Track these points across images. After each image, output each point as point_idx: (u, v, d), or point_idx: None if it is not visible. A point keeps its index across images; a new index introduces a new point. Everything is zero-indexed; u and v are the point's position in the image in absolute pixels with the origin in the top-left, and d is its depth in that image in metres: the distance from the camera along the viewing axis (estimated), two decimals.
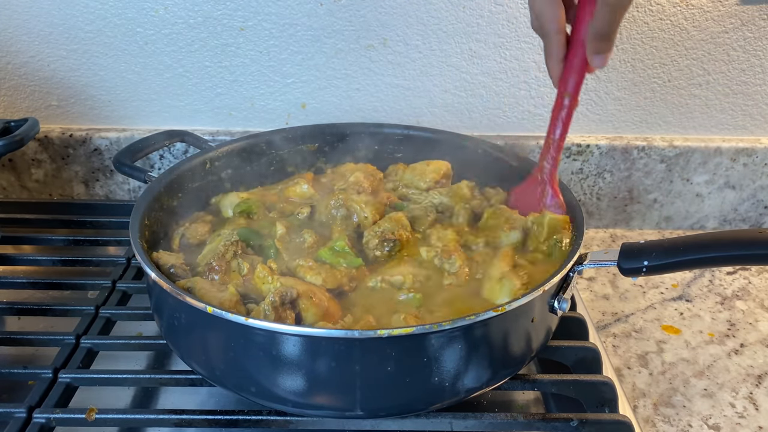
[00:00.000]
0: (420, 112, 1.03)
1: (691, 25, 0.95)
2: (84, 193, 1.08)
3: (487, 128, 1.04)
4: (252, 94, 1.02)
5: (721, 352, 0.81)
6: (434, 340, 0.55)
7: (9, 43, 0.98)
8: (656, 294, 0.92)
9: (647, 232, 1.09)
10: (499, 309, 0.56)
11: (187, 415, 0.61)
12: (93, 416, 0.61)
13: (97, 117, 1.04)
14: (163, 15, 0.96)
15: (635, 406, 0.73)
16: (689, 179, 1.04)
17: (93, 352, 0.72)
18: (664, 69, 0.99)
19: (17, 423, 0.61)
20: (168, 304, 0.62)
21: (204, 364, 0.61)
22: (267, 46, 0.98)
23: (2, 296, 0.86)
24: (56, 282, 0.84)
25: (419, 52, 0.98)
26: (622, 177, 1.04)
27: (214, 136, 1.02)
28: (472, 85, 1.00)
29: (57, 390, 0.64)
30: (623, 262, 0.62)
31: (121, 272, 0.84)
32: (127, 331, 0.79)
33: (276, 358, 0.55)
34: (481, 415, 0.62)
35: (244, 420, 0.61)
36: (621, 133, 1.04)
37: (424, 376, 0.56)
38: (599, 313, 0.88)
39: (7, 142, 0.73)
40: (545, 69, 0.97)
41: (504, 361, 0.61)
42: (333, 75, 1.00)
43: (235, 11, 0.95)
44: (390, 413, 0.61)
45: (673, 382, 0.76)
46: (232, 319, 0.54)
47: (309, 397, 0.57)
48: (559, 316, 0.66)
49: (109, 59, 0.99)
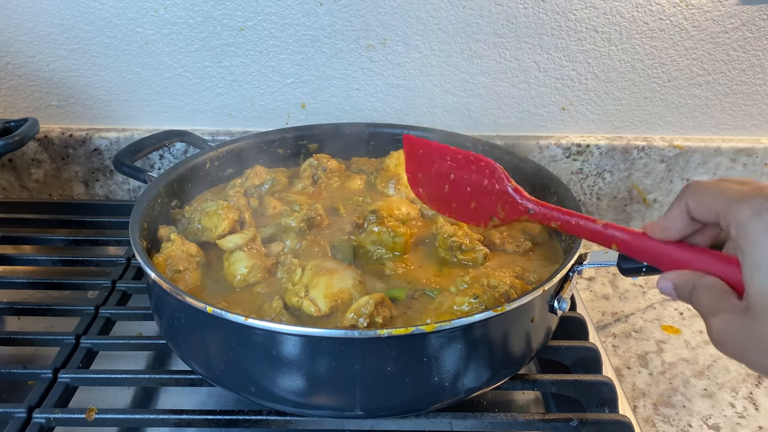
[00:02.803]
0: (420, 111, 1.03)
1: (690, 25, 0.95)
2: (84, 193, 1.08)
3: (486, 128, 1.04)
4: (252, 94, 1.02)
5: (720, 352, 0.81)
6: (434, 340, 0.55)
7: (9, 43, 0.98)
8: (656, 294, 0.92)
9: None
10: (499, 309, 0.56)
11: (187, 415, 0.61)
12: (93, 416, 0.61)
13: (97, 117, 1.04)
14: (163, 15, 0.96)
15: (635, 406, 0.73)
16: (689, 179, 1.04)
17: (93, 352, 0.72)
18: (664, 69, 0.99)
19: (17, 423, 0.61)
20: (168, 304, 0.62)
21: (204, 364, 0.61)
22: (267, 46, 0.98)
23: (2, 296, 0.86)
24: (56, 282, 0.84)
25: (419, 52, 0.98)
26: (622, 177, 1.04)
27: (214, 136, 1.02)
28: (472, 85, 1.00)
29: (57, 390, 0.64)
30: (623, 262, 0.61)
31: (121, 272, 0.84)
32: (127, 331, 0.79)
33: (276, 358, 0.55)
34: (481, 414, 0.62)
35: (244, 420, 0.61)
36: (621, 133, 1.04)
37: (424, 376, 0.56)
38: (599, 313, 0.88)
39: (6, 142, 0.73)
40: (545, 68, 0.98)
41: (504, 361, 0.61)
42: (333, 75, 1.00)
43: (234, 11, 0.95)
44: (390, 413, 0.61)
45: (673, 382, 0.76)
46: (232, 318, 0.54)
47: (309, 397, 0.57)
48: (558, 316, 0.66)
49: (109, 59, 0.99)
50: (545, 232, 0.78)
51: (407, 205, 0.80)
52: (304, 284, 0.64)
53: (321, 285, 0.64)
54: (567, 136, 1.04)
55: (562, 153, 1.03)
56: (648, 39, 0.96)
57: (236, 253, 0.69)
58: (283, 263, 0.69)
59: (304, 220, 0.75)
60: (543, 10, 0.94)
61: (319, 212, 0.77)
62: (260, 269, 0.68)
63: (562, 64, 0.98)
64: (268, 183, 0.85)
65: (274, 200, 0.82)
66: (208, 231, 0.73)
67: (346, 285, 0.64)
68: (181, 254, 0.69)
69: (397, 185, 0.85)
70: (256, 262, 0.68)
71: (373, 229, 0.73)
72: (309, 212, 0.76)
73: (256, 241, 0.72)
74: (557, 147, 1.02)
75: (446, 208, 0.66)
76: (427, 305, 0.65)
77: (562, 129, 1.04)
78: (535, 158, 1.02)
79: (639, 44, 0.97)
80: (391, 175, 0.86)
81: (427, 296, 0.66)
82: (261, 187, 0.85)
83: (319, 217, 0.77)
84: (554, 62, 0.98)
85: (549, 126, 1.03)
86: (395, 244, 0.73)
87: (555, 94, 1.01)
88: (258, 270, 0.68)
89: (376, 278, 0.68)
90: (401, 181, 0.85)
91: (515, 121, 1.03)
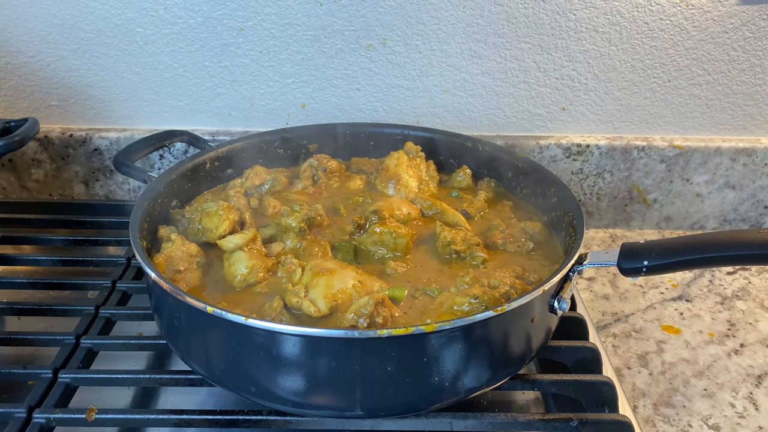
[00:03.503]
0: (420, 111, 1.03)
1: (691, 25, 0.95)
2: (84, 193, 1.08)
3: (486, 128, 1.04)
4: (252, 94, 1.02)
5: (721, 352, 0.81)
6: (434, 341, 0.55)
7: (9, 43, 0.98)
8: (656, 294, 0.92)
9: (647, 232, 1.09)
10: (499, 309, 0.56)
11: (187, 415, 0.61)
12: (93, 416, 0.61)
13: (97, 117, 1.04)
14: (163, 15, 0.96)
15: (635, 406, 0.73)
16: (689, 179, 1.04)
17: (93, 352, 0.71)
18: (664, 69, 0.99)
19: (17, 423, 0.61)
20: (168, 304, 0.62)
21: (204, 364, 0.61)
22: (267, 46, 0.98)
23: (2, 296, 0.86)
24: (56, 282, 0.84)
25: (419, 52, 0.98)
26: (622, 177, 1.04)
27: (214, 136, 1.02)
28: (472, 85, 1.00)
29: (57, 390, 0.64)
30: (623, 262, 0.62)
31: (121, 272, 0.84)
32: (127, 331, 0.79)
33: (277, 358, 0.55)
34: (481, 415, 0.62)
35: (244, 420, 0.61)
36: (621, 133, 1.04)
37: (424, 376, 0.56)
38: (599, 313, 0.88)
39: (6, 142, 0.73)
40: (545, 68, 0.99)
41: (504, 361, 0.61)
42: (333, 75, 1.00)
43: (235, 11, 0.95)
44: (390, 413, 0.61)
45: (673, 382, 0.76)
46: (232, 318, 0.54)
47: (309, 397, 0.57)
48: (559, 316, 0.66)
49: (109, 59, 0.99)
50: (545, 231, 0.78)
51: (408, 205, 0.80)
52: (304, 284, 0.64)
53: (321, 285, 0.64)
54: (567, 136, 1.04)
55: (562, 153, 1.03)
56: (648, 39, 0.96)
57: (236, 254, 0.69)
58: (284, 263, 0.69)
59: (304, 219, 0.75)
60: (543, 10, 0.94)
61: (319, 212, 0.77)
62: (261, 269, 0.68)
63: (562, 64, 0.98)
64: (268, 183, 0.86)
65: (274, 200, 0.82)
66: (209, 231, 0.73)
67: (345, 285, 0.64)
68: (182, 254, 0.69)
69: (397, 185, 0.85)
70: (256, 262, 0.68)
71: (374, 230, 0.73)
72: (309, 212, 0.76)
73: (257, 241, 0.72)
74: (557, 147, 1.02)
75: None
76: (428, 305, 0.65)
77: (562, 129, 1.04)
78: (535, 158, 1.02)
79: (639, 44, 0.97)
80: (391, 175, 0.86)
81: (428, 296, 0.66)
82: (261, 187, 0.85)
83: (320, 217, 0.77)
84: (554, 62, 0.98)
85: (549, 126, 1.03)
86: (397, 244, 0.73)
87: (555, 94, 1.01)
88: (258, 270, 0.68)
89: (376, 278, 0.68)
90: (401, 181, 0.85)
91: (515, 121, 1.03)
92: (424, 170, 0.88)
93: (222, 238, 0.72)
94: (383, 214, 0.75)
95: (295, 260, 0.68)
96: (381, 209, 0.76)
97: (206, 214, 0.74)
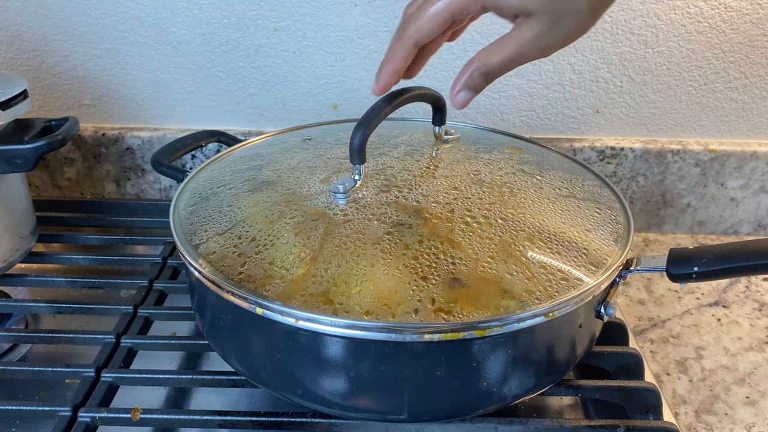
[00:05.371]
0: (452, 113, 1.02)
1: (729, 28, 0.94)
2: (115, 192, 1.08)
3: (519, 129, 1.03)
4: (284, 94, 1.02)
5: (761, 360, 0.80)
6: (484, 346, 0.55)
7: (43, 42, 0.98)
8: (692, 299, 0.91)
9: (680, 236, 1.08)
10: (550, 315, 0.55)
11: (232, 416, 0.61)
12: (138, 416, 0.61)
13: (129, 116, 1.04)
14: (197, 15, 0.96)
15: (676, 413, 0.72)
16: (724, 183, 1.03)
17: (133, 352, 0.72)
18: (700, 72, 0.98)
19: (62, 422, 0.61)
20: (213, 304, 0.62)
21: (249, 365, 0.61)
22: (300, 47, 0.98)
23: (39, 294, 0.87)
24: (93, 281, 0.84)
25: (452, 53, 0.97)
26: (655, 181, 1.03)
27: (246, 136, 1.02)
28: (505, 86, 1.00)
29: (100, 389, 0.64)
30: (672, 268, 0.61)
31: (158, 272, 0.84)
32: (161, 331, 0.79)
33: (325, 361, 0.55)
34: (526, 420, 0.62)
35: (289, 422, 0.61)
36: (655, 136, 1.03)
37: (473, 381, 0.56)
38: (635, 318, 0.87)
39: (49, 141, 0.73)
40: (579, 71, 0.98)
41: (550, 367, 0.61)
42: (365, 76, 1.00)
43: (269, 11, 0.95)
44: (435, 418, 0.60)
45: (713, 389, 0.75)
46: (282, 321, 0.54)
47: (356, 400, 0.57)
48: (604, 322, 0.66)
49: (142, 59, 0.99)
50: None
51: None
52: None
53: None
54: (601, 138, 1.03)
55: (596, 156, 1.02)
56: (685, 42, 0.95)
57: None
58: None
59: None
60: None
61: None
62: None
63: (597, 66, 0.98)
64: None
65: None
66: None
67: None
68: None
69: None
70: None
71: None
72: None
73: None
74: (591, 150, 1.01)
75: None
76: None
77: (596, 132, 1.03)
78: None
79: (675, 47, 0.96)
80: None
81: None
82: None
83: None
84: (589, 64, 0.97)
85: (583, 128, 1.03)
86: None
87: (589, 96, 1.00)
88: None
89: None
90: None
91: (548, 123, 1.03)
92: None
93: None
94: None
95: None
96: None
97: None
